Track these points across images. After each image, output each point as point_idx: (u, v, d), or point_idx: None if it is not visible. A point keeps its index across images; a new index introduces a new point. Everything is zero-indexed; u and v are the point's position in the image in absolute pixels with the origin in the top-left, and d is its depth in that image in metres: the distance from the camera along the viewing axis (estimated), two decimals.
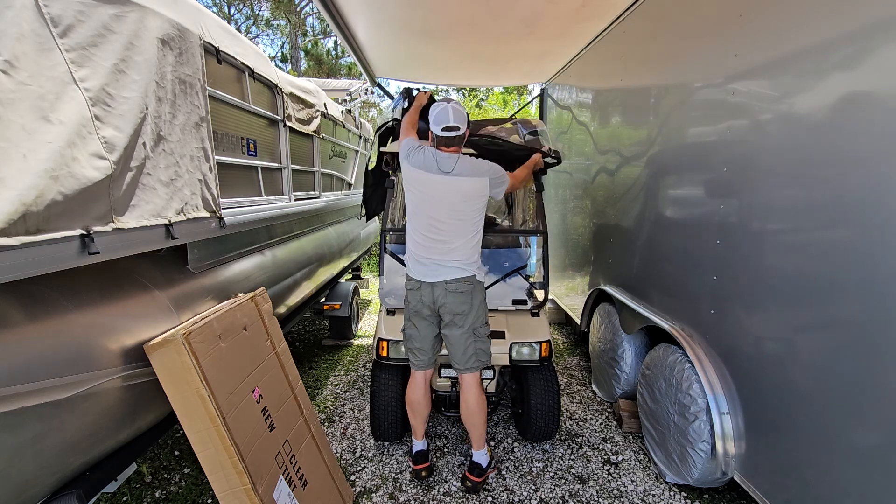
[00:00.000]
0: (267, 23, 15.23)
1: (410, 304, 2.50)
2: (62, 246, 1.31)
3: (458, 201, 2.39)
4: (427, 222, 2.41)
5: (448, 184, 2.37)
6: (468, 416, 2.54)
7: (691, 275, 2.47)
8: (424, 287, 2.43)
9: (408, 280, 2.52)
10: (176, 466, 2.78)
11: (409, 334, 2.56)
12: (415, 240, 2.46)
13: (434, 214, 2.40)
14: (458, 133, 2.38)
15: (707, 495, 2.53)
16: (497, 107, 12.36)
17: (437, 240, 2.40)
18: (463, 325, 2.43)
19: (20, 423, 1.25)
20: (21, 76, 1.21)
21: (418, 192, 2.42)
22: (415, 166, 2.39)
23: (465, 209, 2.40)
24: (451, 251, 2.40)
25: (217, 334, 1.84)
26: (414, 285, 2.47)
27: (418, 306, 2.47)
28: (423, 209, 2.42)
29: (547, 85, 5.82)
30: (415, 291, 2.47)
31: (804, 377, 1.77)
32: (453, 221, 2.39)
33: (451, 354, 2.52)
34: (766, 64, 1.94)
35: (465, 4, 3.32)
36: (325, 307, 4.47)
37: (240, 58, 2.61)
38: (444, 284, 2.40)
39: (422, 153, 2.41)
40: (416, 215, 2.45)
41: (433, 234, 2.41)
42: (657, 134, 2.86)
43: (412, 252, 2.48)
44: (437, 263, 2.41)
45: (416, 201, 2.44)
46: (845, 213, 1.59)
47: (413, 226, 2.47)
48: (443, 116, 2.35)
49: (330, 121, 4.52)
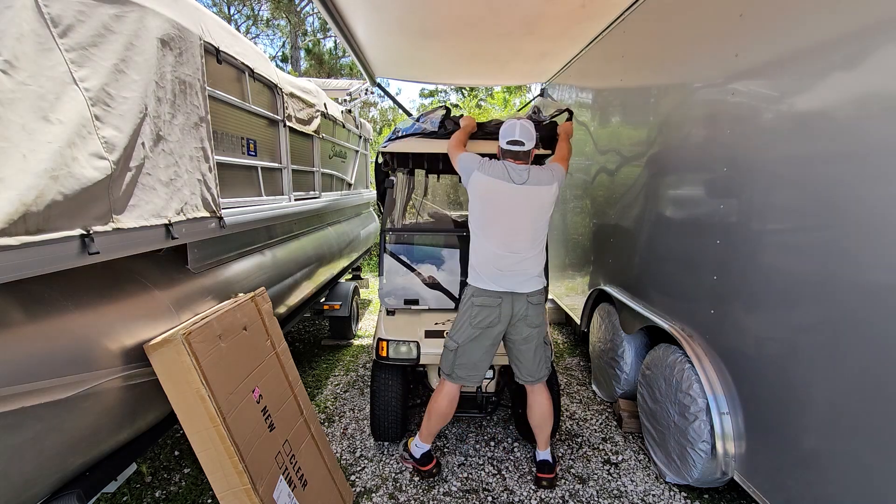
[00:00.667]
0: (267, 23, 15.23)
1: (479, 319, 2.38)
2: (62, 246, 1.31)
3: (535, 211, 2.39)
4: (505, 233, 2.37)
5: (525, 194, 2.36)
6: (542, 421, 2.56)
7: (691, 275, 2.47)
8: (505, 300, 2.37)
9: (478, 296, 2.40)
10: (176, 466, 2.78)
11: (467, 349, 2.43)
12: (491, 251, 2.38)
13: (512, 225, 2.37)
14: (524, 148, 2.40)
15: (707, 495, 2.53)
16: (498, 106, 12.35)
17: (516, 250, 2.37)
18: (539, 337, 2.46)
19: (20, 423, 1.25)
20: (21, 76, 1.21)
21: (493, 203, 2.38)
22: (490, 175, 2.36)
23: (540, 219, 2.42)
24: (528, 260, 2.39)
25: (217, 334, 1.84)
26: (492, 300, 2.37)
27: (493, 321, 2.38)
28: (500, 220, 2.38)
29: (547, 85, 5.82)
30: (492, 307, 2.37)
31: (804, 377, 1.77)
32: (530, 231, 2.40)
33: (519, 366, 2.49)
34: (766, 64, 1.94)
35: (465, 4, 3.32)
36: (325, 307, 4.47)
37: (240, 58, 2.61)
38: (526, 297, 2.39)
39: (494, 164, 2.39)
40: (492, 226, 2.39)
41: (512, 244, 2.37)
42: (657, 134, 2.86)
43: (486, 264, 2.39)
44: (519, 274, 2.37)
45: (491, 212, 2.38)
46: (845, 213, 1.59)
47: (487, 237, 2.39)
48: (509, 131, 2.40)
49: (330, 121, 4.52)
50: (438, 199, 5.11)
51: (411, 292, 2.98)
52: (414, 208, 4.23)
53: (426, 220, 4.01)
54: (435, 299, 2.96)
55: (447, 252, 3.18)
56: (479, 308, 2.39)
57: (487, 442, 3.04)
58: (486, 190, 2.37)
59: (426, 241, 3.28)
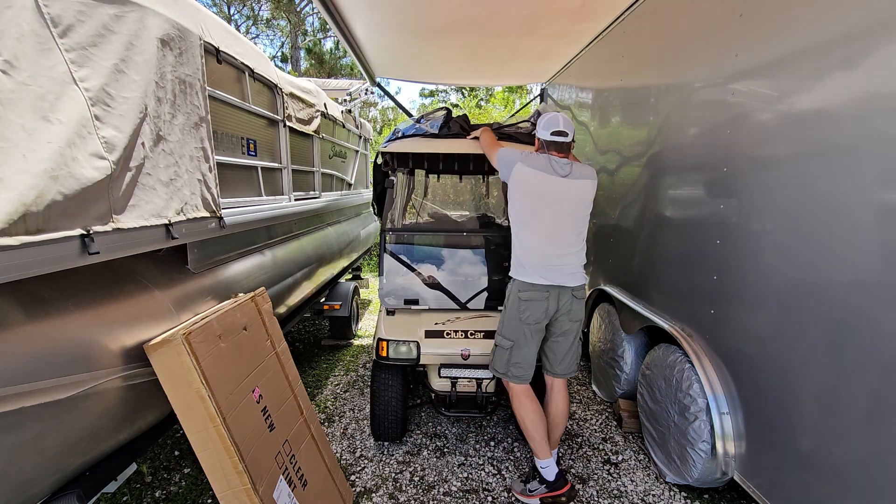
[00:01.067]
0: (267, 23, 15.24)
1: (528, 314, 2.35)
2: (62, 246, 1.31)
3: (578, 204, 2.37)
4: (552, 226, 2.35)
5: (569, 187, 2.33)
6: (559, 417, 2.52)
7: (691, 275, 2.47)
8: (552, 294, 2.34)
9: (525, 290, 2.36)
10: (176, 466, 2.78)
11: (521, 346, 2.39)
12: (537, 244, 2.34)
13: (558, 217, 2.35)
14: (567, 139, 2.38)
15: (707, 495, 2.53)
16: (499, 106, 12.35)
17: (562, 243, 2.35)
18: (577, 332, 2.45)
19: (20, 423, 1.25)
20: (21, 76, 1.21)
21: (538, 195, 2.33)
22: (534, 168, 2.32)
23: (582, 213, 2.40)
24: (573, 255, 2.38)
25: (217, 334, 1.84)
26: (540, 294, 2.33)
27: (541, 317, 2.36)
28: (545, 213, 2.34)
29: (547, 85, 5.82)
30: (540, 302, 2.34)
31: (804, 377, 1.77)
32: (574, 225, 2.38)
33: (552, 360, 2.48)
34: (766, 64, 1.94)
35: (465, 4, 3.32)
36: (325, 307, 4.47)
37: (240, 58, 2.61)
38: (572, 291, 2.37)
39: (537, 157, 2.36)
40: (537, 219, 2.35)
41: (559, 237, 2.35)
42: (657, 134, 2.86)
43: (533, 257, 2.35)
44: (565, 267, 2.35)
45: (536, 206, 2.34)
46: (845, 213, 1.58)
47: (532, 230, 2.35)
48: (553, 122, 2.37)
49: (330, 121, 4.52)
50: (438, 199, 5.11)
51: (411, 292, 2.98)
52: (414, 208, 4.23)
53: (426, 220, 4.01)
54: (435, 299, 2.96)
55: (447, 252, 3.18)
56: (526, 303, 2.35)
57: (487, 442, 3.04)
58: (530, 182, 2.33)
59: (426, 240, 3.28)
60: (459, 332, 2.75)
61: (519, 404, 2.45)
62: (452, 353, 2.69)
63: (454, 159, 3.10)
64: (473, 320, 2.84)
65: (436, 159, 3.07)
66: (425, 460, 2.84)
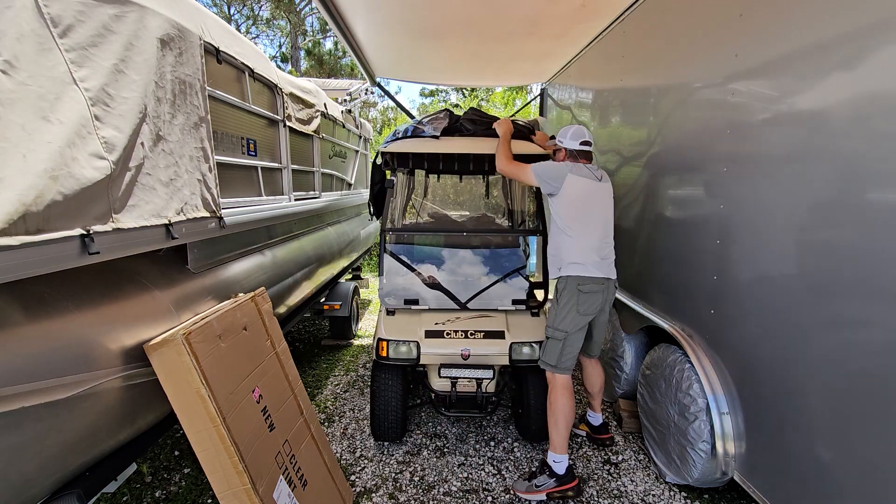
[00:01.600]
0: (267, 23, 15.24)
1: (587, 305, 2.54)
2: (62, 246, 1.31)
3: (610, 203, 2.69)
4: (602, 225, 2.62)
5: (605, 189, 2.65)
6: (600, 388, 2.96)
7: (691, 275, 2.47)
8: (607, 285, 2.59)
9: (585, 283, 2.53)
10: (176, 466, 2.78)
11: (575, 337, 2.55)
12: (594, 243, 2.57)
13: (603, 217, 2.64)
14: (591, 149, 2.69)
15: (707, 495, 2.53)
16: (499, 106, 12.35)
17: (607, 240, 2.65)
18: (608, 318, 2.86)
19: (20, 423, 1.25)
20: (21, 76, 1.21)
21: (590, 199, 2.59)
22: (582, 176, 2.57)
23: (612, 211, 2.70)
24: (613, 249, 2.68)
25: (217, 334, 1.84)
26: (598, 286, 2.55)
27: (597, 308, 2.59)
28: (595, 214, 2.60)
29: (547, 85, 5.82)
30: (598, 293, 2.56)
31: (804, 377, 1.77)
32: (611, 222, 2.69)
33: (592, 343, 2.80)
34: (766, 64, 1.94)
35: (465, 4, 3.32)
36: (325, 307, 4.47)
37: (240, 58, 2.61)
38: (614, 282, 2.67)
39: (579, 166, 2.61)
40: (590, 219, 2.59)
41: (607, 235, 2.64)
42: (657, 134, 2.86)
43: (591, 255, 2.55)
44: (611, 261, 2.64)
45: (590, 209, 2.60)
46: (845, 213, 1.58)
47: (588, 229, 2.58)
48: (579, 133, 2.64)
49: (330, 121, 4.52)
50: (438, 199, 5.11)
51: (411, 292, 2.98)
52: (414, 208, 4.24)
53: (426, 220, 4.01)
54: (435, 299, 2.96)
55: (447, 252, 3.18)
56: (586, 295, 2.54)
57: (487, 442, 3.04)
58: (583, 190, 2.57)
59: (426, 240, 3.29)
60: (459, 332, 2.75)
61: (560, 395, 2.55)
62: (452, 353, 2.69)
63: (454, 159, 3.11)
64: (473, 320, 2.84)
65: (436, 159, 3.07)
66: (425, 460, 2.84)
